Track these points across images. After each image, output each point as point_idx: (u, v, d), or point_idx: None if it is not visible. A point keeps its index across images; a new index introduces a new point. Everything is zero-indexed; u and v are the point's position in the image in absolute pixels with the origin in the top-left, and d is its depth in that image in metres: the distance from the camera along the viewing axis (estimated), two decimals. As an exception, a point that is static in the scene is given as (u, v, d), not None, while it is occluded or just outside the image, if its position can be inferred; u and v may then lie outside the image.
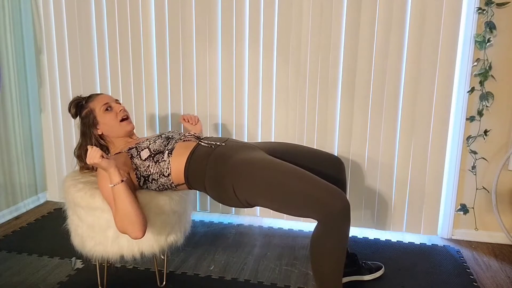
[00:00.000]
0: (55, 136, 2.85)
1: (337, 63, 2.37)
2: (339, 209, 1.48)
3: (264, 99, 2.51)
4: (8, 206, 2.65)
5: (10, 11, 2.57)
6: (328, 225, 1.50)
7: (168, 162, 1.70)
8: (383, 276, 2.03)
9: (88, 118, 1.82)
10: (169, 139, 1.79)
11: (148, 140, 1.77)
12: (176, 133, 1.90)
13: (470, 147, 2.33)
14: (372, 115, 2.39)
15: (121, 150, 1.78)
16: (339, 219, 1.49)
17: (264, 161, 1.60)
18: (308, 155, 1.87)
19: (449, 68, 2.25)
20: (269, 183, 1.54)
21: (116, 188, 1.52)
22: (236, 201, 1.64)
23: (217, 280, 1.99)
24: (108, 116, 1.81)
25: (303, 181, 1.52)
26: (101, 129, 1.83)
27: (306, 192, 1.50)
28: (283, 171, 1.55)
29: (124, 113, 1.85)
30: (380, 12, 2.26)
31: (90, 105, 1.84)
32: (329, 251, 1.52)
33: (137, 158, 1.70)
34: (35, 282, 1.95)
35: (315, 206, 1.49)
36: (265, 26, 2.41)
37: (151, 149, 1.72)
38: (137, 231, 1.52)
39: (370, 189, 2.47)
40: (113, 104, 1.85)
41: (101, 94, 1.89)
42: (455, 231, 2.45)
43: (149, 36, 2.57)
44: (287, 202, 1.54)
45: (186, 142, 1.79)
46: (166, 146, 1.75)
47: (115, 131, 1.82)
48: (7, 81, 2.60)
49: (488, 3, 2.15)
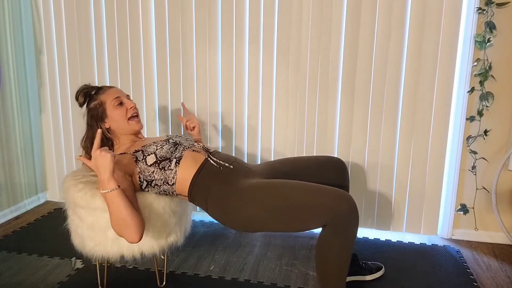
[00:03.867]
0: (55, 136, 2.85)
1: (337, 63, 2.37)
2: (346, 210, 1.48)
3: (264, 99, 2.51)
4: (8, 206, 2.65)
5: (10, 11, 2.57)
6: (336, 227, 1.49)
7: (175, 172, 1.67)
8: (383, 276, 2.03)
9: (97, 110, 1.76)
10: (177, 145, 1.74)
11: (155, 145, 1.72)
12: (184, 139, 1.86)
13: (470, 147, 2.33)
14: (372, 115, 2.39)
15: (126, 150, 1.74)
16: (346, 220, 1.49)
17: (268, 187, 1.59)
18: (308, 166, 1.87)
19: (449, 68, 2.25)
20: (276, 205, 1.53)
21: (111, 194, 1.47)
22: (239, 226, 1.62)
23: (217, 280, 1.99)
24: (118, 111, 1.76)
25: (307, 193, 1.52)
26: (108, 123, 1.77)
27: (311, 202, 1.50)
28: (286, 191, 1.55)
29: (135, 111, 1.80)
30: (380, 12, 2.26)
31: (100, 97, 1.77)
32: (336, 253, 1.52)
33: (142, 162, 1.67)
34: (35, 282, 1.95)
35: (322, 212, 1.49)
36: (265, 26, 2.41)
37: (158, 155, 1.68)
38: (133, 234, 1.48)
39: (370, 189, 2.48)
40: (124, 100, 1.79)
41: (113, 87, 1.82)
42: (455, 231, 2.45)
43: (148, 36, 2.57)
44: (295, 218, 1.53)
45: (195, 152, 1.73)
46: (174, 153, 1.70)
47: (122, 128, 1.78)
48: (7, 81, 2.60)
49: (488, 3, 2.15)
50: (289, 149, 2.53)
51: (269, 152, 2.56)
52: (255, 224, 1.59)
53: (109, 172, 1.46)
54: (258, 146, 2.57)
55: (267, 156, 2.57)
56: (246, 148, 2.59)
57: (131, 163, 1.67)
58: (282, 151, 2.54)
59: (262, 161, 2.58)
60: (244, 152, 2.59)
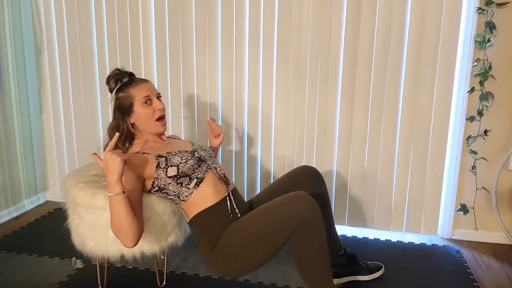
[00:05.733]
0: (56, 136, 2.85)
1: (337, 62, 2.37)
2: (305, 208, 1.50)
3: (264, 98, 2.51)
4: (8, 206, 2.65)
5: (10, 11, 2.57)
6: (305, 228, 1.50)
7: (191, 193, 1.65)
8: (383, 276, 2.03)
9: (125, 103, 1.70)
10: (201, 162, 1.71)
11: (180, 156, 1.68)
12: (208, 153, 1.82)
13: (470, 147, 2.33)
14: (372, 115, 2.39)
15: (149, 150, 1.70)
16: (310, 217, 1.50)
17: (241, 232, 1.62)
18: (282, 181, 1.89)
19: (449, 68, 2.25)
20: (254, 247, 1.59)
21: (114, 198, 1.47)
22: (220, 272, 1.71)
23: (217, 280, 1.99)
24: (145, 110, 1.70)
25: (266, 214, 1.56)
26: (133, 119, 1.72)
27: (272, 219, 1.54)
28: (249, 225, 1.59)
29: (162, 113, 1.75)
30: (380, 12, 2.27)
31: (131, 91, 1.70)
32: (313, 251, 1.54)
33: (163, 170, 1.64)
34: (35, 282, 1.95)
35: (290, 223, 1.51)
36: (265, 26, 2.41)
37: (180, 169, 1.64)
38: (128, 241, 1.49)
39: (370, 189, 2.47)
40: (154, 99, 1.72)
41: (146, 82, 1.75)
42: (455, 231, 2.45)
43: (149, 36, 2.57)
44: (270, 242, 1.57)
45: (216, 179, 1.70)
46: (195, 172, 1.67)
47: (146, 127, 1.73)
48: (7, 81, 2.60)
49: (488, 3, 2.15)
50: (289, 150, 2.53)
51: (269, 152, 2.56)
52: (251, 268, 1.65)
53: (117, 175, 1.46)
54: (258, 146, 2.57)
55: (267, 156, 2.57)
56: (246, 148, 2.59)
57: (151, 166, 1.64)
58: (282, 152, 2.54)
59: (262, 161, 2.58)
60: (244, 152, 2.59)
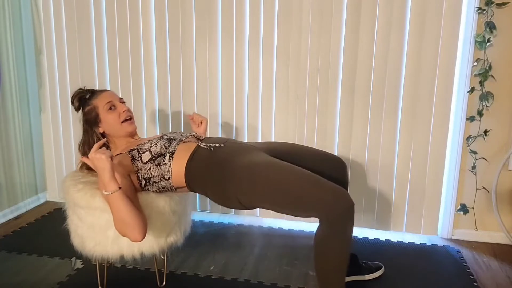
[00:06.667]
0: (55, 136, 2.85)
1: (337, 63, 2.37)
2: (343, 209, 1.47)
3: (264, 98, 2.50)
4: (8, 206, 2.64)
5: (10, 11, 2.57)
6: (333, 226, 1.49)
7: (169, 166, 1.68)
8: (383, 276, 2.02)
9: (91, 115, 1.79)
10: (171, 141, 1.76)
11: (149, 142, 1.74)
12: (178, 134, 1.86)
13: (470, 147, 2.33)
14: (372, 115, 2.39)
15: (122, 151, 1.75)
16: (343, 219, 1.48)
17: (265, 164, 1.59)
18: (309, 156, 1.85)
19: (449, 68, 2.25)
20: (272, 186, 1.53)
21: (112, 195, 1.47)
22: (238, 205, 1.63)
23: (217, 280, 1.99)
24: (110, 115, 1.78)
25: (305, 182, 1.51)
26: (102, 127, 1.80)
27: (309, 192, 1.49)
28: (284, 173, 1.54)
29: (127, 114, 1.80)
30: (380, 12, 2.26)
31: (93, 102, 1.79)
32: (334, 252, 1.52)
33: (138, 160, 1.68)
34: (35, 282, 1.95)
35: (318, 207, 1.48)
36: (265, 26, 2.41)
37: (153, 151, 1.69)
38: (137, 234, 1.49)
39: (370, 189, 2.47)
40: (117, 103, 1.80)
41: (106, 91, 1.83)
42: (455, 231, 2.45)
43: (148, 36, 2.57)
44: (291, 204, 1.53)
45: (186, 143, 1.74)
46: (168, 148, 1.71)
47: (116, 131, 1.80)
48: (7, 81, 2.60)
49: (488, 3, 2.15)
50: (289, 149, 2.52)
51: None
52: (255, 200, 1.58)
53: (108, 173, 1.46)
54: (258, 146, 2.57)
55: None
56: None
57: (129, 162, 1.68)
58: (282, 151, 2.54)
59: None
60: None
